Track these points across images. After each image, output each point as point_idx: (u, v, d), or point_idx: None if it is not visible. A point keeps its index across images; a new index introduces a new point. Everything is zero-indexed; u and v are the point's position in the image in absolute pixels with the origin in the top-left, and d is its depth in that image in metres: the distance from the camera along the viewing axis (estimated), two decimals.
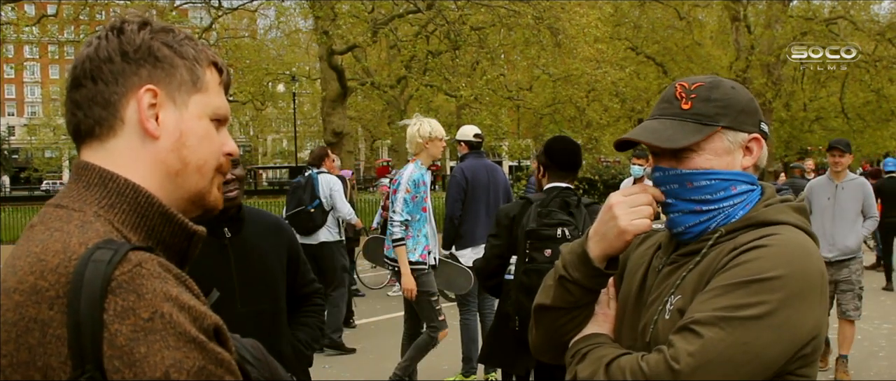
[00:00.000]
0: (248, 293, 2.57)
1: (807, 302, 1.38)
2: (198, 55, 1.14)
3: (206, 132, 1.13)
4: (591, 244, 1.54)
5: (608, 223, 1.52)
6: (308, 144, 50.13)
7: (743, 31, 27.49)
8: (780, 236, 1.43)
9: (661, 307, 1.51)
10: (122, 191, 1.06)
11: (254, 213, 2.81)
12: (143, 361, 0.91)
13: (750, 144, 1.55)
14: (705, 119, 1.52)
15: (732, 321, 1.34)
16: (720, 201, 1.52)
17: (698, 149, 1.52)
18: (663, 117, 1.55)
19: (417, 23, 20.24)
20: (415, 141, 5.33)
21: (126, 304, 0.93)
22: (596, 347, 1.52)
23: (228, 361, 0.99)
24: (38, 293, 0.95)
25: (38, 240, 1.01)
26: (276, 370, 1.21)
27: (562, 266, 1.59)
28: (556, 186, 3.80)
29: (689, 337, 1.36)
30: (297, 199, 7.62)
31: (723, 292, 1.38)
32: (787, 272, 1.37)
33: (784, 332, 1.35)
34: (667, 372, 1.35)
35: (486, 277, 4.05)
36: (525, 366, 3.90)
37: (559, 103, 24.83)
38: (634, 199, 1.51)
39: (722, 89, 1.55)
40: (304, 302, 2.87)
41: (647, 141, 1.52)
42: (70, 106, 1.11)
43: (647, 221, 1.50)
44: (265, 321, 2.57)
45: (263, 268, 2.65)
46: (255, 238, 2.66)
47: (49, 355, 0.93)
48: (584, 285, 1.56)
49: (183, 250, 1.12)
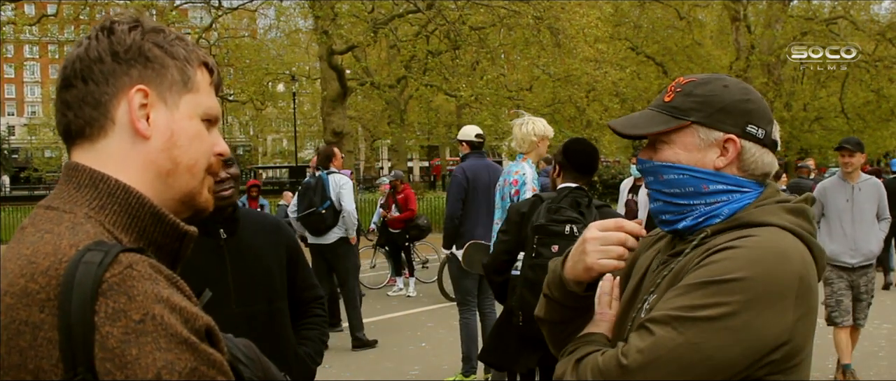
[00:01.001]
0: (244, 294, 2.56)
1: (774, 307, 1.34)
2: (188, 55, 1.13)
3: (196, 132, 1.13)
4: (567, 268, 1.55)
5: (579, 256, 1.52)
6: (308, 143, 50.17)
7: (743, 31, 27.52)
8: (755, 238, 1.39)
9: (640, 306, 1.51)
10: (113, 192, 1.06)
11: (250, 213, 2.80)
12: (134, 363, 0.91)
13: (726, 145, 1.50)
14: (677, 112, 1.51)
15: (685, 320, 1.33)
16: (690, 196, 1.50)
17: (669, 141, 1.51)
18: (648, 109, 1.57)
19: (417, 23, 20.25)
20: (528, 139, 5.35)
21: (117, 306, 0.93)
22: (582, 344, 1.52)
23: (220, 362, 0.99)
24: (28, 296, 0.95)
25: (28, 242, 1.00)
26: (269, 370, 1.21)
27: (545, 285, 1.61)
28: (569, 186, 3.82)
29: (643, 334, 1.36)
30: (309, 200, 7.67)
31: (684, 291, 1.37)
32: (751, 275, 1.34)
33: (742, 336, 1.32)
34: (616, 369, 1.35)
35: (494, 272, 4.07)
36: (527, 364, 3.90)
37: (559, 103, 24.82)
38: (608, 237, 1.50)
39: (710, 86, 1.52)
40: (305, 312, 2.84)
41: (616, 127, 1.56)
42: (60, 106, 1.10)
43: (615, 261, 1.49)
44: (261, 322, 2.56)
45: (259, 268, 2.64)
46: (250, 238, 2.65)
47: (40, 357, 0.93)
48: (565, 304, 1.58)
49: (175, 250, 1.11)
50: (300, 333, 2.79)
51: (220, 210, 2.56)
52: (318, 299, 2.90)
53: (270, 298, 2.64)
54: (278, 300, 2.68)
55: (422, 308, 10.13)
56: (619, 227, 1.50)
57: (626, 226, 1.50)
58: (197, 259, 2.07)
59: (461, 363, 6.54)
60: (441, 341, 8.13)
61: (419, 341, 8.25)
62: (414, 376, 6.90)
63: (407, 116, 26.74)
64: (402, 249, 11.29)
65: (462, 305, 6.48)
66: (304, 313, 2.84)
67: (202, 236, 2.49)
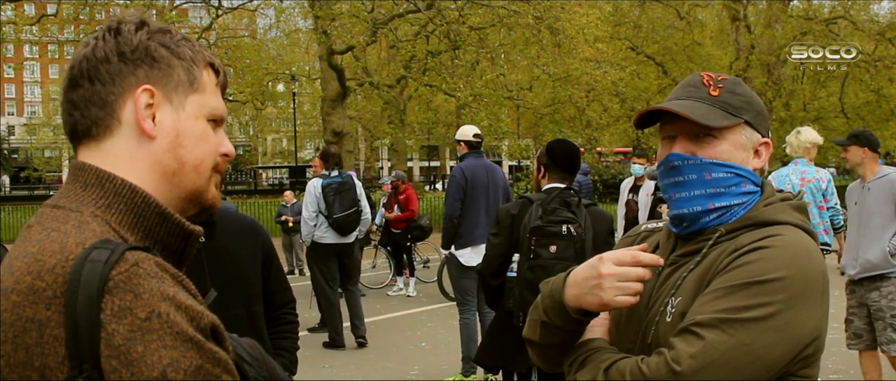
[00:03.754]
0: (222, 297, 2.54)
1: (808, 303, 1.38)
2: (195, 56, 1.14)
3: (202, 133, 1.13)
4: (568, 294, 1.50)
5: (591, 288, 1.46)
6: (308, 143, 50.17)
7: (743, 30, 27.52)
8: (782, 237, 1.43)
9: (663, 310, 1.50)
10: (120, 191, 1.06)
11: (227, 215, 2.73)
12: (140, 360, 0.91)
13: (760, 148, 1.57)
14: (732, 109, 1.52)
15: (734, 322, 1.34)
16: (731, 196, 1.52)
17: (722, 136, 1.52)
18: (691, 99, 1.54)
19: (417, 23, 20.27)
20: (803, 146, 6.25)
21: (123, 303, 0.93)
22: (594, 352, 1.51)
23: (226, 360, 0.99)
24: (35, 293, 0.95)
25: (35, 240, 1.01)
26: (274, 370, 1.21)
27: (542, 311, 1.56)
28: (556, 187, 3.83)
29: (691, 339, 1.36)
30: (351, 199, 7.69)
31: (724, 293, 1.38)
32: (789, 274, 1.37)
33: (787, 333, 1.35)
34: (668, 374, 1.34)
35: (491, 276, 4.05)
36: (526, 363, 3.90)
37: (559, 103, 24.86)
38: (627, 272, 1.43)
39: (743, 87, 1.58)
40: (278, 318, 2.79)
41: (685, 113, 1.48)
42: (66, 106, 1.11)
43: (633, 299, 1.44)
44: (241, 325, 2.51)
45: (237, 271, 2.60)
46: (228, 241, 2.60)
47: (46, 354, 0.93)
48: (566, 328, 1.54)
49: (180, 249, 1.12)
50: (275, 341, 2.73)
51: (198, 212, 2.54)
52: (289, 303, 2.85)
53: (248, 302, 2.61)
54: (255, 304, 2.64)
55: (422, 308, 10.12)
56: (636, 261, 1.45)
57: (642, 259, 1.45)
58: None
59: (461, 363, 6.55)
60: (441, 341, 8.13)
61: (419, 341, 8.25)
62: (414, 376, 6.90)
63: (406, 116, 26.75)
64: (404, 249, 11.30)
65: (461, 305, 6.48)
66: (277, 319, 2.79)
67: None
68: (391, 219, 11.06)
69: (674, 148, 1.54)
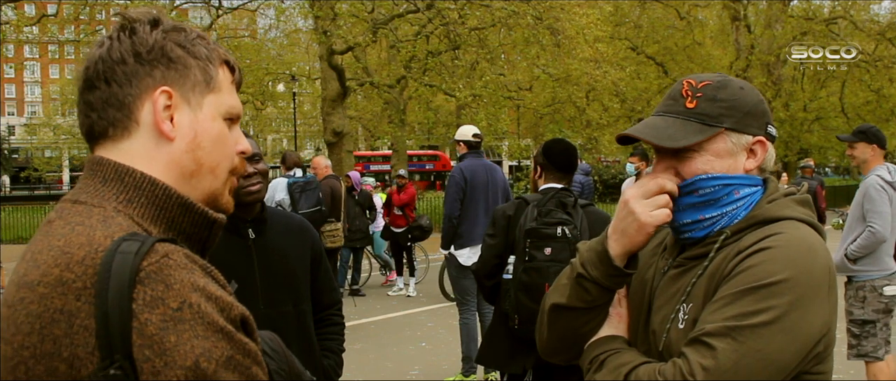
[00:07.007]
0: (271, 294, 2.54)
1: (815, 301, 1.37)
2: (210, 54, 1.14)
3: (219, 134, 1.14)
4: (612, 242, 1.50)
5: (627, 219, 1.48)
6: (308, 143, 50.17)
7: (743, 30, 27.55)
8: (784, 236, 1.42)
9: (674, 316, 1.49)
10: (140, 185, 1.07)
11: (277, 214, 2.77)
12: (173, 350, 0.92)
13: (754, 147, 1.53)
14: (709, 119, 1.49)
15: (743, 329, 1.34)
16: (723, 205, 1.50)
17: (700, 149, 1.49)
18: (667, 115, 1.53)
19: (417, 23, 20.23)
20: None
21: (155, 294, 0.94)
22: (614, 353, 1.51)
23: (255, 351, 1.00)
24: (64, 285, 0.95)
25: (59, 234, 1.01)
26: (294, 363, 1.21)
27: (580, 264, 1.54)
28: (553, 187, 3.82)
29: (702, 350, 1.35)
30: (315, 198, 8.15)
31: (730, 300, 1.37)
32: (793, 274, 1.36)
33: (796, 334, 1.35)
34: None
35: (486, 277, 4.04)
36: (521, 365, 3.89)
37: (559, 103, 24.86)
38: (649, 189, 1.48)
39: (729, 89, 1.52)
40: (324, 319, 2.81)
41: (648, 138, 1.49)
42: (83, 108, 1.11)
43: (666, 211, 1.47)
44: (289, 322, 2.53)
45: (286, 269, 2.62)
46: (278, 239, 2.63)
47: (76, 345, 0.94)
48: (603, 283, 1.52)
49: (203, 239, 1.12)
50: (322, 343, 2.76)
51: (249, 209, 2.55)
52: (336, 303, 2.88)
53: (296, 300, 2.63)
54: (303, 303, 2.66)
55: (422, 308, 10.13)
56: (653, 178, 1.50)
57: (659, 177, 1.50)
58: (226, 258, 2.06)
59: (461, 363, 6.55)
60: (441, 341, 8.14)
61: (419, 341, 8.26)
62: (414, 376, 6.91)
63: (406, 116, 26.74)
64: (404, 248, 11.32)
65: (461, 305, 6.49)
66: (324, 320, 2.81)
67: (231, 235, 2.52)
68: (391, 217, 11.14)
69: (656, 168, 1.55)
